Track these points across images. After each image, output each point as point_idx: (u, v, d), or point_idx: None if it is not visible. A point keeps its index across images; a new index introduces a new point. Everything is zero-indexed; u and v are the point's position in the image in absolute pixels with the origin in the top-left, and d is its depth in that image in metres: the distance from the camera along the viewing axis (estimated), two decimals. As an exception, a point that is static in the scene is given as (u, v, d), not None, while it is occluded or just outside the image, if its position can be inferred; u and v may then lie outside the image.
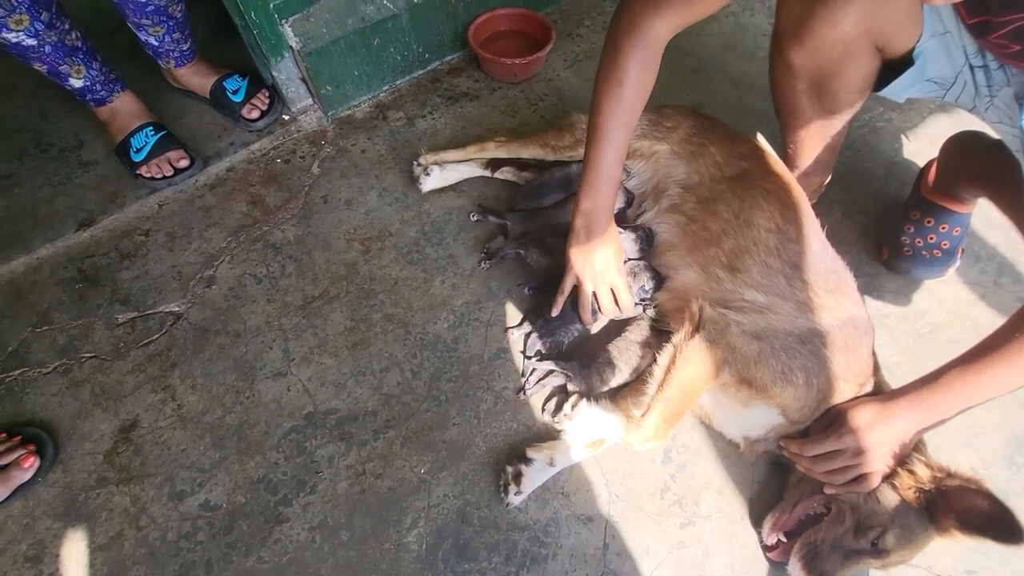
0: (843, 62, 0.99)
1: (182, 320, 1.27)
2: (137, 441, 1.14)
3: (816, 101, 1.10)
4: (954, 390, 0.88)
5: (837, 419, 0.96)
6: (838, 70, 1.01)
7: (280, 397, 1.18)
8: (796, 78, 1.06)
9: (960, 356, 0.90)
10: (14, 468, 1.06)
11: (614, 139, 1.02)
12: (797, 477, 1.06)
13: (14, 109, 1.63)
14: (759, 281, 1.06)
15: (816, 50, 0.97)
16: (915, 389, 0.92)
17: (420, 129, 1.58)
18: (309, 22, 1.41)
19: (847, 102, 1.08)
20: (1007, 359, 0.84)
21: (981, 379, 0.86)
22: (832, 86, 1.04)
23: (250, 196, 1.46)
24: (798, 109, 1.14)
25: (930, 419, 0.92)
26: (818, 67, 1.01)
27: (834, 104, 1.08)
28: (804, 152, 1.23)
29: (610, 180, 1.06)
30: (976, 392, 0.87)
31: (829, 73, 1.02)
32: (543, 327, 1.20)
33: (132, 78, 1.52)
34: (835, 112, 1.11)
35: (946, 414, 0.91)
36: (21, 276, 1.34)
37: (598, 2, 1.88)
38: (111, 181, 1.47)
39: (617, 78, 0.97)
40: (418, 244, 1.38)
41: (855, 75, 1.02)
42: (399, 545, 1.04)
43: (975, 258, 1.37)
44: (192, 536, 1.05)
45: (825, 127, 1.16)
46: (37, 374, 1.21)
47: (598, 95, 1.01)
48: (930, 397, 0.90)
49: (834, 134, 1.18)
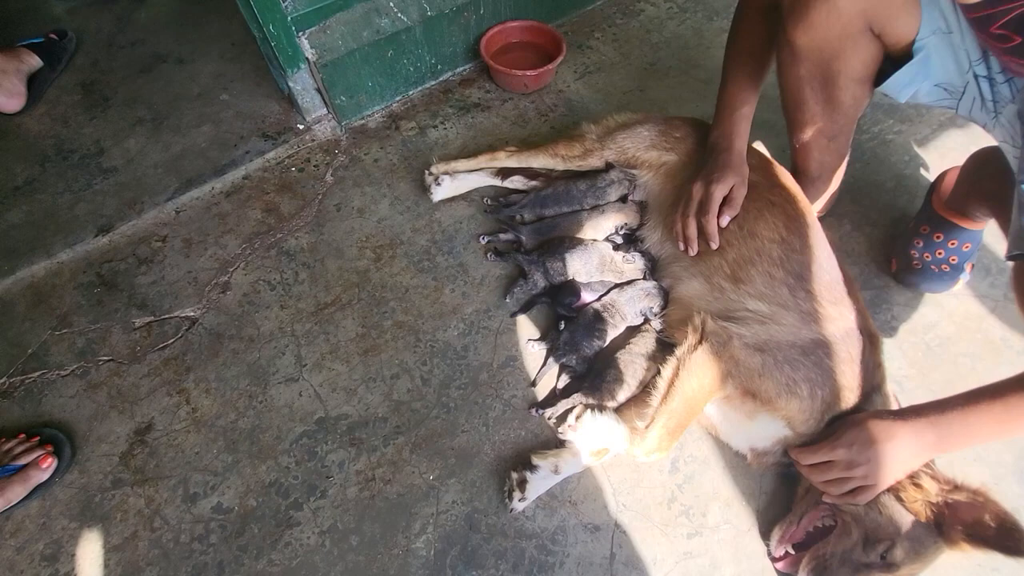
0: (841, 43, 1.00)
1: (197, 325, 1.30)
2: (152, 443, 1.16)
3: (819, 89, 1.10)
4: (970, 427, 0.87)
5: (838, 429, 0.96)
6: (837, 51, 1.01)
7: (292, 402, 1.20)
8: (799, 62, 1.07)
9: (980, 390, 0.88)
10: (32, 468, 1.08)
11: (733, 77, 1.18)
12: (804, 488, 1.06)
13: (37, 116, 1.67)
14: (762, 291, 1.07)
15: (815, 28, 0.99)
16: (928, 413, 0.91)
17: (432, 139, 1.61)
18: (325, 34, 1.44)
19: (848, 92, 1.08)
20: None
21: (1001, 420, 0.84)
22: (832, 69, 1.05)
23: (265, 204, 1.49)
24: (803, 100, 1.14)
25: (940, 449, 0.91)
26: (818, 48, 1.02)
27: (836, 92, 1.09)
28: (810, 153, 1.23)
29: (731, 109, 1.18)
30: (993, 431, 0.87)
31: (829, 55, 1.03)
32: (568, 343, 1.19)
33: (150, 90, 1.55)
34: (838, 103, 1.11)
35: (957, 447, 0.90)
36: (42, 280, 1.37)
37: (609, 14, 1.91)
38: (130, 188, 1.50)
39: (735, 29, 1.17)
40: (429, 252, 1.40)
41: (855, 60, 1.02)
42: (408, 551, 1.05)
43: (985, 271, 1.37)
44: (204, 538, 1.06)
45: (828, 121, 1.15)
46: (56, 376, 1.24)
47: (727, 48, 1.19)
48: (944, 427, 0.89)
49: (838, 133, 1.18)
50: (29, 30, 1.76)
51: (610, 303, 1.21)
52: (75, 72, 1.78)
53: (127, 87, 1.72)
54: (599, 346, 1.19)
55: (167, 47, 1.82)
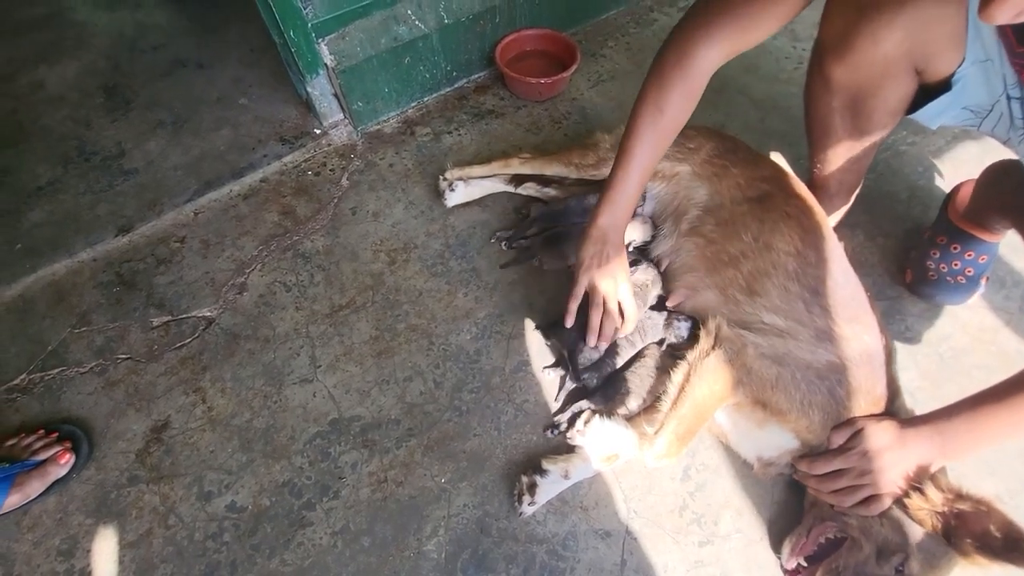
0: (882, 81, 0.98)
1: (214, 325, 1.31)
2: (168, 441, 1.17)
3: (849, 120, 1.09)
4: (977, 430, 0.87)
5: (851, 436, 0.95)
6: (876, 89, 1.00)
7: (306, 403, 1.21)
8: (833, 95, 1.06)
9: (984, 393, 0.88)
10: (51, 464, 1.09)
11: (643, 163, 1.04)
12: (810, 501, 1.05)
13: (60, 119, 1.71)
14: (778, 305, 1.06)
15: (856, 67, 0.97)
16: (936, 420, 0.91)
17: (446, 144, 1.63)
18: (344, 41, 1.47)
19: (880, 123, 1.08)
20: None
21: (1008, 421, 0.84)
22: (868, 105, 1.04)
23: (282, 206, 1.51)
24: (831, 128, 1.13)
25: (948, 456, 0.90)
26: (856, 85, 1.01)
27: (867, 124, 1.08)
28: (831, 173, 1.23)
29: (630, 200, 1.08)
30: (1001, 433, 0.86)
31: (866, 92, 1.01)
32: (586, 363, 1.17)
33: (171, 94, 1.58)
34: (867, 133, 1.10)
35: (966, 452, 0.89)
36: (63, 278, 1.39)
37: (622, 24, 1.92)
38: (150, 189, 1.53)
39: (658, 105, 0.98)
40: (442, 256, 1.41)
41: (892, 96, 1.01)
42: (419, 553, 1.06)
43: (1000, 284, 1.36)
44: (218, 536, 1.07)
45: (854, 148, 1.15)
46: (75, 373, 1.26)
47: (635, 117, 1.02)
48: (952, 432, 0.89)
49: (862, 156, 1.18)
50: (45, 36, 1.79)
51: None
52: (97, 75, 1.82)
53: (148, 90, 1.76)
54: (618, 364, 1.19)
55: (187, 52, 1.86)
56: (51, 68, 1.85)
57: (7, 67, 1.85)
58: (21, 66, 1.85)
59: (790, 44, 1.85)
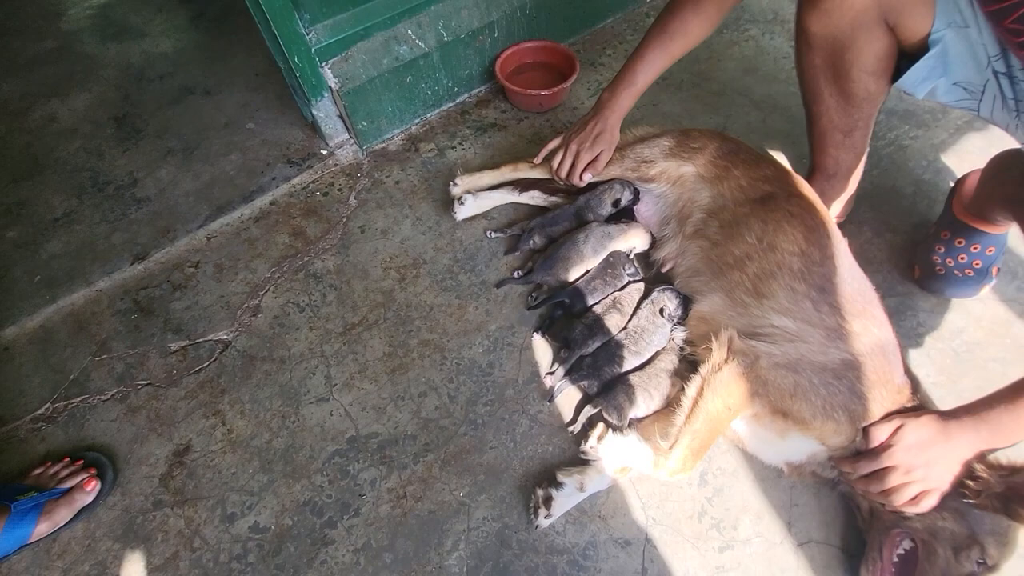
0: (854, 33, 1.01)
1: (230, 348, 1.34)
2: (190, 465, 1.19)
3: (832, 82, 1.12)
4: (1020, 417, 0.86)
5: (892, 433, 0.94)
6: (850, 41, 1.03)
7: (324, 422, 1.23)
8: (813, 51, 1.10)
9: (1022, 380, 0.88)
10: (77, 491, 1.12)
11: (648, 57, 1.22)
12: (863, 517, 1.02)
13: (73, 150, 1.75)
14: (786, 306, 1.06)
15: (828, 13, 1.01)
16: (977, 410, 0.90)
17: (451, 159, 1.65)
18: (347, 63, 1.49)
19: (862, 84, 1.09)
20: None
21: None
22: (845, 60, 1.06)
23: (292, 228, 1.53)
24: (817, 91, 1.16)
25: (994, 443, 0.90)
26: (831, 36, 1.04)
27: (849, 84, 1.10)
28: (825, 149, 1.25)
29: (631, 87, 1.25)
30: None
31: (842, 44, 1.04)
32: (591, 367, 1.19)
33: (180, 121, 1.61)
34: (851, 96, 1.12)
35: (1012, 438, 0.89)
36: (81, 308, 1.42)
37: (620, 31, 1.94)
38: (163, 216, 1.56)
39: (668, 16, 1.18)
40: (451, 271, 1.43)
41: (867, 51, 1.03)
42: (440, 568, 1.06)
43: (1012, 275, 1.35)
44: (243, 558, 1.09)
45: (844, 116, 1.17)
46: (97, 401, 1.28)
47: (654, 24, 1.21)
48: (995, 420, 0.88)
49: (853, 128, 1.19)
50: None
51: (635, 330, 1.22)
52: (108, 106, 1.86)
53: (158, 119, 1.80)
54: (617, 371, 1.19)
55: (194, 79, 1.90)
56: (63, 101, 1.89)
57: (20, 102, 1.90)
58: (34, 101, 1.90)
59: (787, 44, 1.86)
